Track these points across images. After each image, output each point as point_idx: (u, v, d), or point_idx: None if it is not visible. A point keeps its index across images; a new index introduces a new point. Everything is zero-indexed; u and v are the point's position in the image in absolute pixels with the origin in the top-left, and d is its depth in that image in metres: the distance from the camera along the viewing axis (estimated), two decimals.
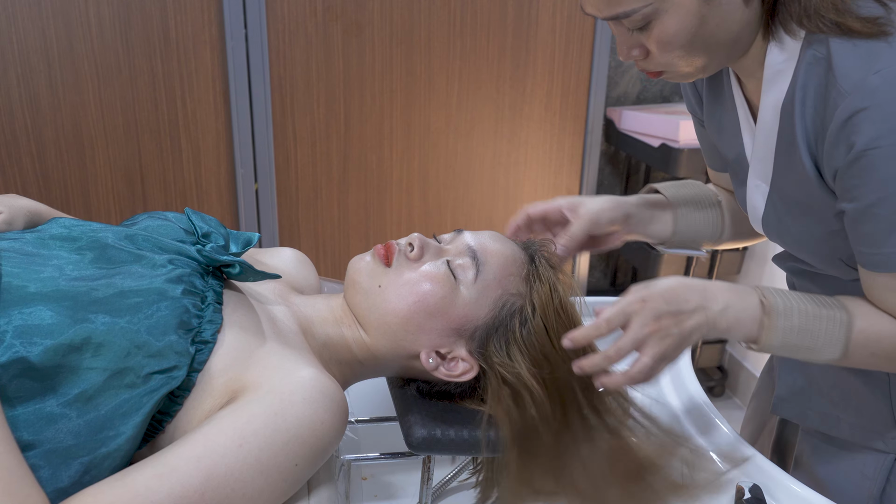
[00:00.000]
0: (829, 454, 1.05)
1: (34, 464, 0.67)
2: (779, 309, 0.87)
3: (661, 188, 1.12)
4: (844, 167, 0.80)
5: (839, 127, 0.79)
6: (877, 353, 0.88)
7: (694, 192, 1.12)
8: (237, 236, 0.93)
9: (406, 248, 0.93)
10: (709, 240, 1.14)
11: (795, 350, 0.88)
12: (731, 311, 0.87)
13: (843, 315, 0.87)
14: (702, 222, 1.11)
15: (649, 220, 1.09)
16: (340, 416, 0.80)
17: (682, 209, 1.10)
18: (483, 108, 2.24)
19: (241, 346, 0.81)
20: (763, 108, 0.90)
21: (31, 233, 0.85)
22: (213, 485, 0.70)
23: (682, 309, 0.85)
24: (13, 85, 1.87)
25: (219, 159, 2.09)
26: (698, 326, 0.86)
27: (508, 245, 0.96)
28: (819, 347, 0.87)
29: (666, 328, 0.85)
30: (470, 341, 0.92)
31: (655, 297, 0.85)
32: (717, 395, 2.62)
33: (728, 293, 0.88)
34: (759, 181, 0.95)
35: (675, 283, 0.87)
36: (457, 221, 2.33)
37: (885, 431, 0.99)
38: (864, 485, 1.01)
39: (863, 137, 0.77)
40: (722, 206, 1.13)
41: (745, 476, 0.98)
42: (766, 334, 0.88)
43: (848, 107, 0.78)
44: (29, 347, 0.69)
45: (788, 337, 0.87)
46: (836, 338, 0.87)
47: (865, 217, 0.82)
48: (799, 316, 0.87)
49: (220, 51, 1.98)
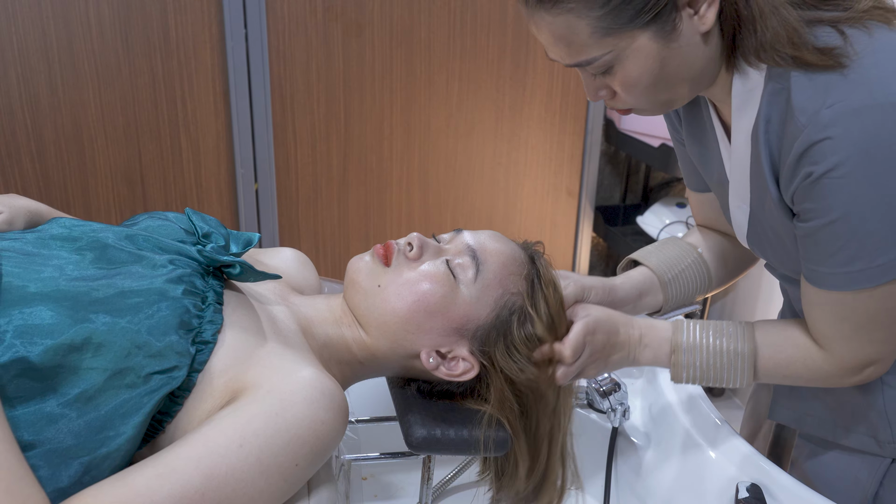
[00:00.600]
0: (825, 457, 1.06)
1: (34, 464, 0.67)
2: (684, 346, 0.96)
3: (641, 259, 1.13)
4: (801, 191, 0.83)
5: (796, 159, 0.82)
6: (789, 375, 0.96)
7: (674, 253, 1.13)
8: (237, 236, 0.94)
9: (405, 248, 0.93)
10: (699, 293, 1.15)
11: (704, 381, 0.97)
12: (650, 350, 0.98)
13: (747, 347, 0.95)
14: (689, 280, 1.13)
15: (637, 298, 1.10)
16: (341, 416, 0.80)
17: (667, 275, 1.11)
18: (483, 108, 2.23)
19: (242, 346, 0.81)
20: (735, 132, 0.92)
21: (32, 233, 0.85)
22: (213, 485, 0.70)
23: (614, 343, 0.96)
24: (13, 85, 1.87)
25: (219, 159, 2.09)
26: (621, 359, 0.98)
27: (508, 244, 0.96)
28: (725, 379, 0.96)
29: (600, 359, 0.96)
30: (471, 341, 0.92)
31: (601, 329, 0.95)
32: (716, 395, 2.62)
33: (648, 333, 0.98)
34: (740, 202, 0.97)
35: (612, 317, 0.97)
36: (457, 221, 2.33)
37: (880, 437, 0.99)
38: (857, 488, 1.02)
39: (818, 168, 0.80)
40: (703, 255, 1.14)
41: (744, 476, 0.98)
42: (674, 370, 0.97)
43: (804, 140, 0.80)
44: (29, 347, 0.69)
45: (694, 372, 0.96)
46: (740, 370, 0.95)
47: (813, 237, 0.85)
48: (702, 353, 0.96)
49: (220, 51, 1.98)
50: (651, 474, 1.12)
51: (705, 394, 1.14)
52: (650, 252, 1.14)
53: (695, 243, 1.15)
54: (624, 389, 1.16)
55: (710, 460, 1.03)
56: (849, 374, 0.92)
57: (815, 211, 0.83)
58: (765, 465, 0.99)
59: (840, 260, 0.83)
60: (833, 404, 1.04)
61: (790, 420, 1.10)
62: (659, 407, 1.17)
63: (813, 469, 1.07)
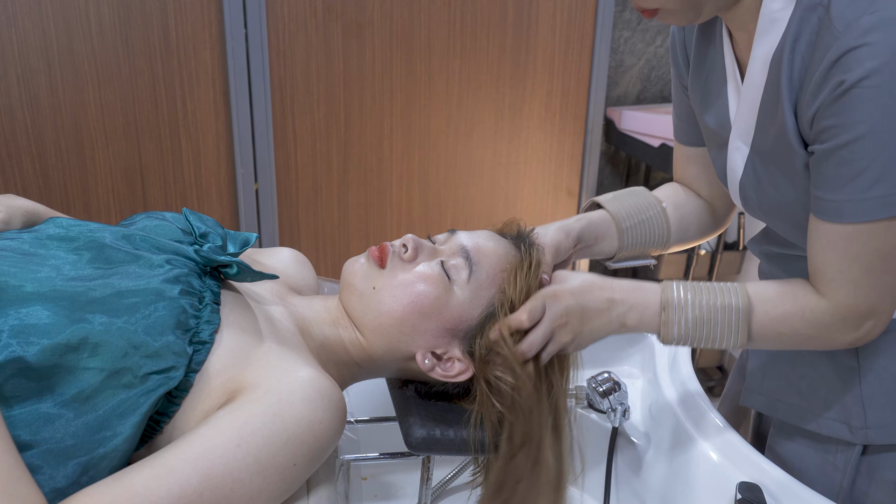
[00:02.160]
0: (801, 447, 1.06)
1: (32, 464, 0.67)
2: (675, 303, 0.92)
3: (603, 202, 1.11)
4: (826, 105, 0.80)
5: (828, 67, 0.79)
6: (785, 332, 0.91)
7: (636, 202, 1.11)
8: (235, 236, 0.93)
9: (400, 250, 0.93)
10: (655, 248, 1.13)
11: (697, 340, 0.93)
12: (637, 310, 0.92)
13: (741, 302, 0.91)
14: (647, 232, 1.11)
15: (594, 241, 1.09)
16: (339, 416, 0.79)
17: (625, 223, 1.09)
18: (483, 108, 2.23)
19: (239, 346, 0.81)
20: (752, 61, 0.90)
21: (29, 232, 0.85)
22: (211, 485, 0.70)
23: (587, 307, 0.91)
24: (13, 85, 1.87)
25: (219, 159, 2.09)
26: (605, 324, 0.92)
27: (502, 244, 0.96)
28: (719, 336, 0.92)
29: (571, 323, 0.90)
30: (464, 341, 0.92)
31: (565, 293, 0.90)
32: (717, 395, 2.62)
33: (634, 293, 0.93)
34: (741, 143, 0.95)
35: (586, 281, 0.93)
36: (456, 221, 2.33)
37: (853, 422, 0.99)
38: (835, 476, 1.02)
39: (851, 75, 0.77)
40: (666, 211, 1.12)
41: (744, 476, 0.98)
42: (664, 328, 0.92)
43: (840, 47, 0.78)
44: (26, 347, 0.69)
45: (685, 329, 0.92)
46: (734, 326, 0.91)
47: (832, 158, 0.81)
48: (695, 308, 0.91)
49: (220, 51, 1.98)
50: (651, 474, 1.12)
51: (705, 394, 1.13)
52: (614, 197, 1.12)
53: (661, 198, 1.13)
54: (624, 389, 1.16)
55: (710, 460, 1.03)
56: (849, 327, 0.89)
57: (840, 127, 0.79)
58: (765, 465, 0.98)
59: (860, 185, 0.80)
60: (805, 390, 1.03)
61: (762, 406, 1.10)
62: (659, 407, 1.17)
63: (790, 459, 1.07)
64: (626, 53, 2.53)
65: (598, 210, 1.12)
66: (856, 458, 1.00)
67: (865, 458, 1.00)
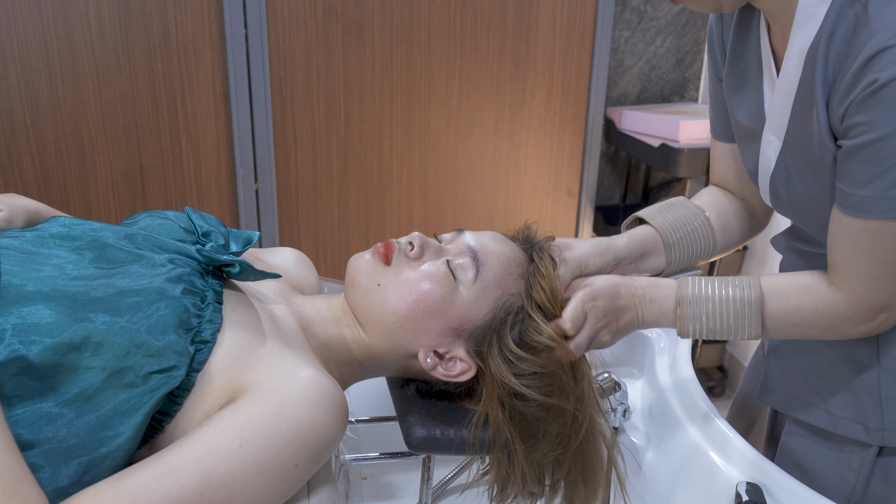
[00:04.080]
0: (815, 446, 1.06)
1: (34, 463, 0.67)
2: (689, 298, 0.95)
3: (647, 217, 1.10)
4: (857, 102, 0.81)
5: (862, 64, 0.80)
6: (798, 324, 0.94)
7: (681, 214, 1.10)
8: (237, 235, 0.93)
9: (406, 247, 0.93)
10: (702, 258, 1.14)
11: (713, 333, 0.95)
12: (655, 305, 0.96)
13: (753, 295, 0.93)
14: (693, 244, 1.10)
15: (640, 259, 1.08)
16: (341, 416, 0.79)
17: (671, 237, 1.08)
18: (483, 108, 2.23)
19: (241, 345, 0.81)
20: (788, 54, 0.90)
21: (31, 231, 0.85)
22: (212, 485, 0.70)
23: (619, 305, 0.95)
24: (13, 85, 1.87)
25: (219, 159, 2.09)
26: (631, 321, 0.96)
27: (509, 245, 0.96)
28: (733, 329, 0.95)
29: (610, 324, 0.95)
30: (468, 341, 0.92)
31: (601, 295, 0.94)
32: (717, 395, 2.62)
33: (652, 289, 0.97)
34: (773, 136, 0.96)
35: (610, 280, 0.96)
36: (457, 221, 2.33)
37: (870, 423, 0.99)
38: (849, 477, 1.02)
39: (884, 74, 0.77)
40: (710, 220, 1.12)
41: (744, 476, 0.98)
42: (680, 323, 0.96)
43: (875, 45, 0.78)
44: (28, 346, 0.69)
45: (701, 323, 0.95)
46: (748, 319, 0.94)
47: (859, 155, 0.82)
48: (709, 302, 0.94)
49: (220, 51, 1.98)
50: (651, 474, 1.12)
51: (705, 394, 1.13)
52: (657, 211, 1.11)
53: (703, 206, 1.13)
54: (624, 389, 1.16)
55: (711, 460, 1.03)
56: (863, 319, 0.90)
57: (868, 125, 0.80)
58: (765, 465, 0.98)
59: (885, 182, 0.81)
60: (823, 390, 1.03)
61: (778, 403, 1.10)
62: (659, 407, 1.17)
63: (804, 459, 1.07)
64: (626, 53, 2.53)
65: (641, 225, 1.11)
66: (871, 460, 0.99)
67: (880, 459, 1.00)
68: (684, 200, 1.13)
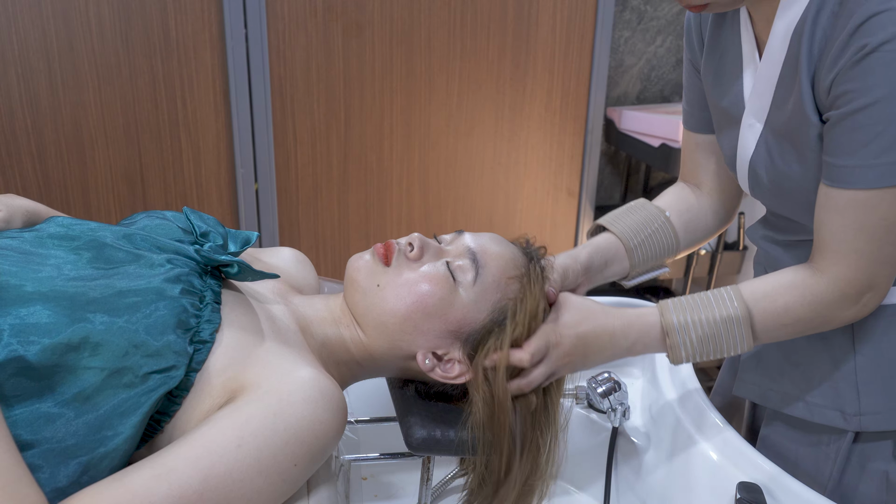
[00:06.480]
0: (793, 438, 1.07)
1: (32, 463, 0.67)
2: (676, 327, 0.94)
3: (607, 224, 1.12)
4: (846, 69, 0.81)
5: (851, 32, 0.80)
6: (788, 323, 0.93)
7: (640, 218, 1.12)
8: (235, 235, 0.93)
9: (406, 248, 0.93)
10: (666, 257, 1.15)
11: (706, 355, 0.95)
12: (640, 343, 0.95)
13: (739, 310, 0.92)
14: (655, 245, 1.12)
15: (604, 266, 1.09)
16: (340, 416, 0.79)
17: (632, 241, 1.10)
18: (483, 108, 2.23)
19: (240, 345, 0.80)
20: (773, 36, 0.90)
21: (29, 232, 0.85)
22: (211, 485, 0.70)
23: (589, 344, 0.93)
24: (13, 85, 1.87)
25: (219, 159, 2.09)
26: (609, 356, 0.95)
27: (509, 248, 0.96)
28: (725, 348, 0.94)
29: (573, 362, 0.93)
30: (465, 343, 0.92)
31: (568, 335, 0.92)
32: None
33: (633, 328, 0.95)
34: (754, 120, 0.96)
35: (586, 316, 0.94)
36: (457, 221, 2.33)
37: (847, 409, 0.99)
38: (825, 465, 1.02)
39: (874, 39, 0.78)
40: (670, 220, 1.13)
41: (744, 476, 0.98)
42: (671, 352, 0.95)
43: (864, 12, 0.79)
44: (26, 346, 0.69)
45: (692, 349, 0.94)
46: (738, 336, 0.93)
47: (847, 123, 0.82)
48: (696, 327, 0.93)
49: (220, 51, 1.98)
50: (651, 474, 1.12)
51: (705, 394, 1.13)
52: (616, 217, 1.13)
53: (663, 206, 1.14)
54: (624, 389, 1.16)
55: (711, 460, 1.03)
56: (848, 301, 0.90)
57: (857, 92, 0.80)
58: (765, 465, 0.98)
59: (873, 150, 0.81)
60: (799, 378, 1.04)
61: (754, 395, 1.11)
62: (659, 407, 1.17)
63: (783, 448, 1.08)
64: (626, 53, 2.53)
65: (602, 233, 1.12)
66: (847, 447, 1.00)
67: (857, 445, 1.00)
68: (644, 203, 1.15)
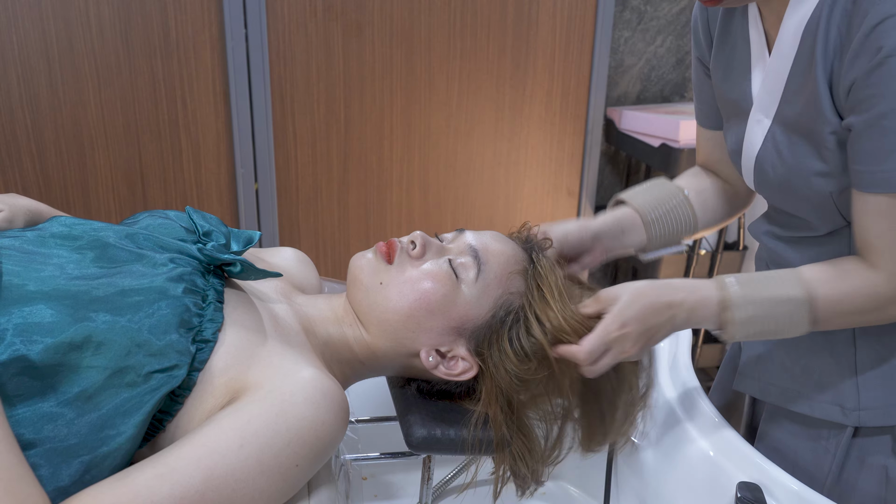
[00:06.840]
0: (792, 433, 1.07)
1: (35, 462, 0.67)
2: (735, 302, 0.91)
3: (626, 198, 1.14)
4: (864, 75, 0.80)
5: (866, 33, 0.79)
6: (847, 311, 0.91)
7: (659, 193, 1.14)
8: (238, 235, 0.93)
9: (408, 246, 0.93)
10: (685, 234, 1.16)
11: (762, 335, 0.93)
12: (697, 314, 0.93)
13: (800, 293, 0.90)
14: (673, 221, 1.13)
15: (620, 235, 1.11)
16: (341, 416, 0.79)
17: (650, 215, 1.12)
18: (483, 108, 2.23)
19: (243, 344, 0.81)
20: (783, 32, 0.90)
21: (32, 231, 0.85)
22: (213, 485, 0.70)
23: (652, 326, 0.91)
24: (13, 85, 1.87)
25: (219, 159, 2.09)
26: (668, 331, 0.93)
27: (510, 245, 0.96)
28: (784, 329, 0.92)
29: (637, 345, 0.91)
30: (469, 340, 0.92)
31: (632, 321, 0.89)
32: None
33: (692, 297, 0.92)
34: (762, 115, 0.96)
35: (647, 300, 0.90)
36: (457, 221, 2.33)
37: (846, 403, 0.99)
38: (825, 459, 1.02)
39: (890, 42, 0.77)
40: (689, 198, 1.14)
41: (744, 476, 0.98)
42: (728, 328, 0.93)
43: (878, 13, 0.78)
44: (29, 345, 0.69)
45: (749, 327, 0.92)
46: (798, 317, 0.91)
47: (872, 130, 0.82)
48: (756, 305, 0.91)
49: (220, 51, 1.98)
50: (651, 474, 1.12)
51: (705, 393, 1.14)
52: (636, 193, 1.15)
53: (682, 185, 1.16)
54: None
55: (710, 460, 1.03)
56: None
57: (878, 97, 0.80)
58: (765, 465, 0.98)
59: None
60: (799, 374, 1.04)
61: (754, 390, 1.11)
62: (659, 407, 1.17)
63: (781, 442, 1.08)
64: (626, 53, 2.53)
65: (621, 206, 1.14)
66: (846, 442, 1.00)
67: (856, 441, 1.01)
68: (664, 181, 1.17)
